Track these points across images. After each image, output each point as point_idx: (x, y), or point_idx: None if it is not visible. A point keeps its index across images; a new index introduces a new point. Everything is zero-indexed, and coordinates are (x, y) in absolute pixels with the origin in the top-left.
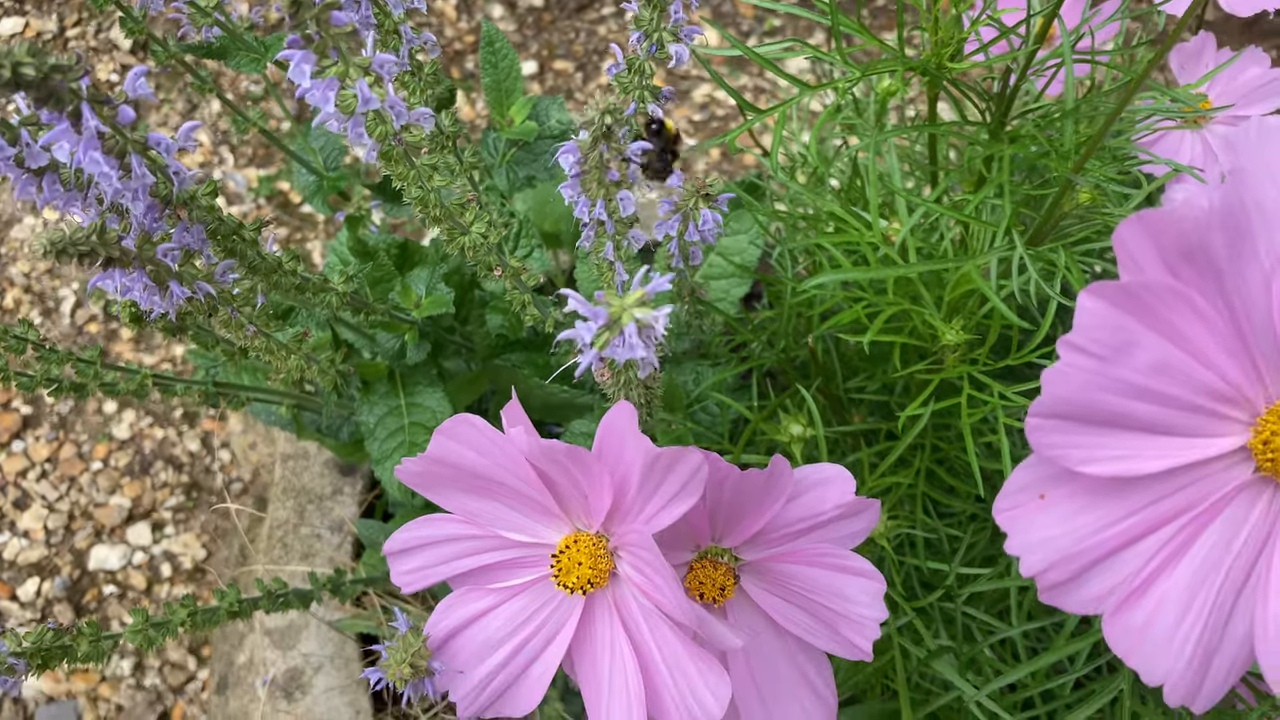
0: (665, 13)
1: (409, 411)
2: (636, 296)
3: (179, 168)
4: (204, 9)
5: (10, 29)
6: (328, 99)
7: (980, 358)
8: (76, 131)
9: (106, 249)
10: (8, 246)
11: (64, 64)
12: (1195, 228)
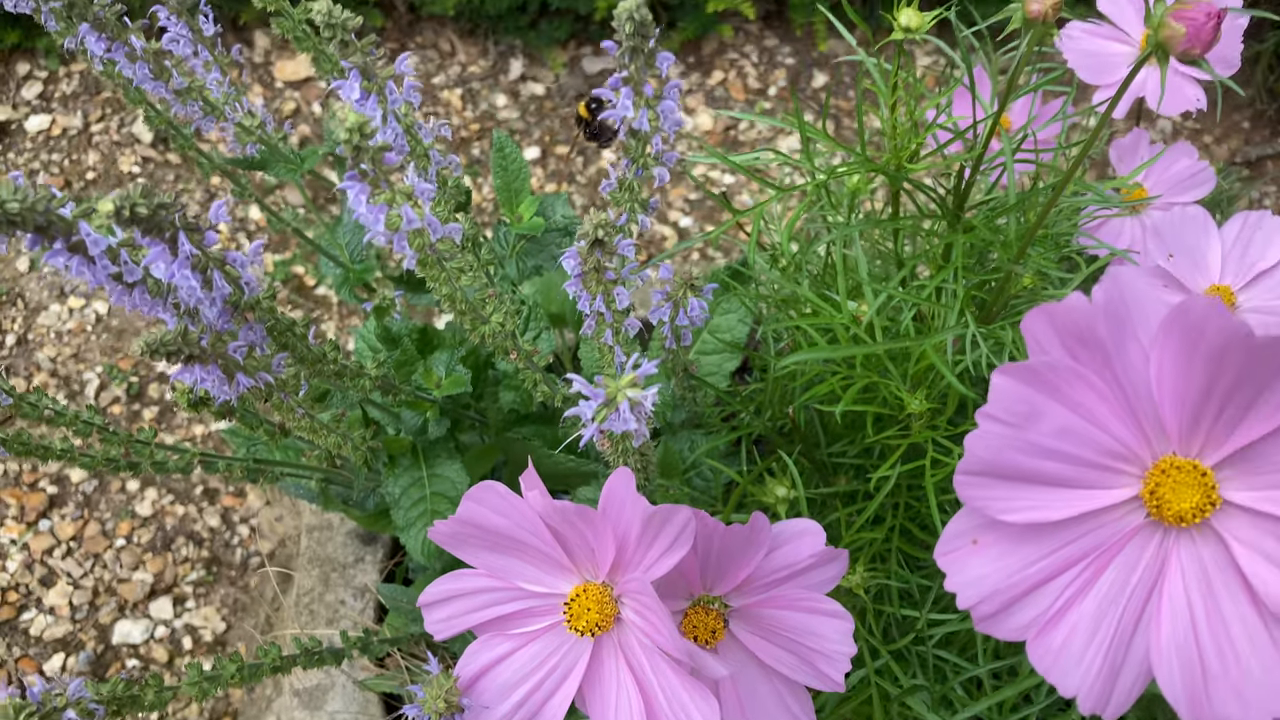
0: (648, 144)
1: (430, 482)
2: (629, 379)
3: (250, 279)
4: (249, 129)
5: (38, 126)
6: (378, 220)
7: (942, 424)
8: (172, 254)
9: (189, 349)
10: (35, 332)
11: (166, 202)
12: (1085, 317)
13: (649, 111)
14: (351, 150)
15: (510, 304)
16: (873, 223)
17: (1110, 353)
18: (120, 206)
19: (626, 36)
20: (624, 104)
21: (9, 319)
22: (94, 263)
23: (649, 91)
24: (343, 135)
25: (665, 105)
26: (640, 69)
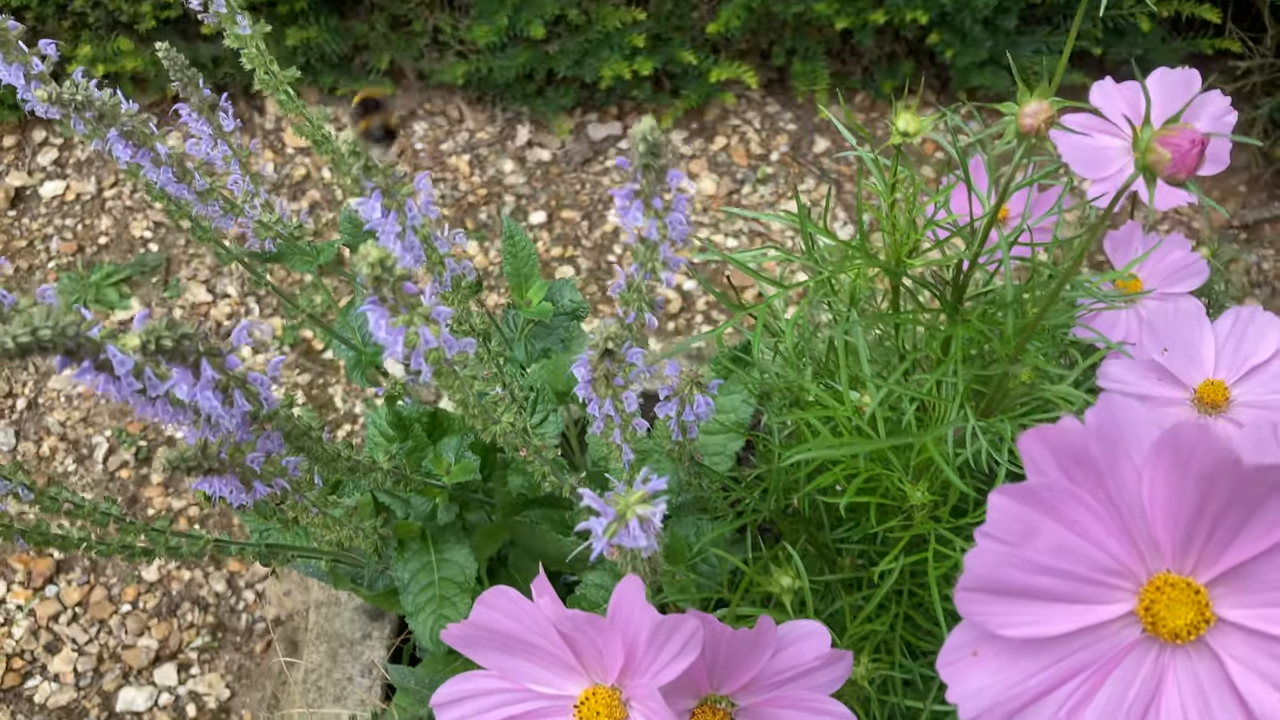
0: (656, 250)
1: (439, 567)
2: (639, 496)
3: (269, 395)
4: (267, 225)
5: (53, 191)
6: (397, 340)
7: (944, 515)
8: (195, 378)
9: (209, 463)
10: (45, 396)
11: (190, 332)
12: (1079, 439)
13: (658, 222)
14: (373, 281)
15: (519, 393)
16: (874, 318)
17: (1104, 473)
18: (146, 340)
19: (640, 155)
20: (634, 215)
21: (20, 383)
22: (119, 380)
23: (658, 205)
24: (365, 270)
25: (673, 216)
26: (651, 184)
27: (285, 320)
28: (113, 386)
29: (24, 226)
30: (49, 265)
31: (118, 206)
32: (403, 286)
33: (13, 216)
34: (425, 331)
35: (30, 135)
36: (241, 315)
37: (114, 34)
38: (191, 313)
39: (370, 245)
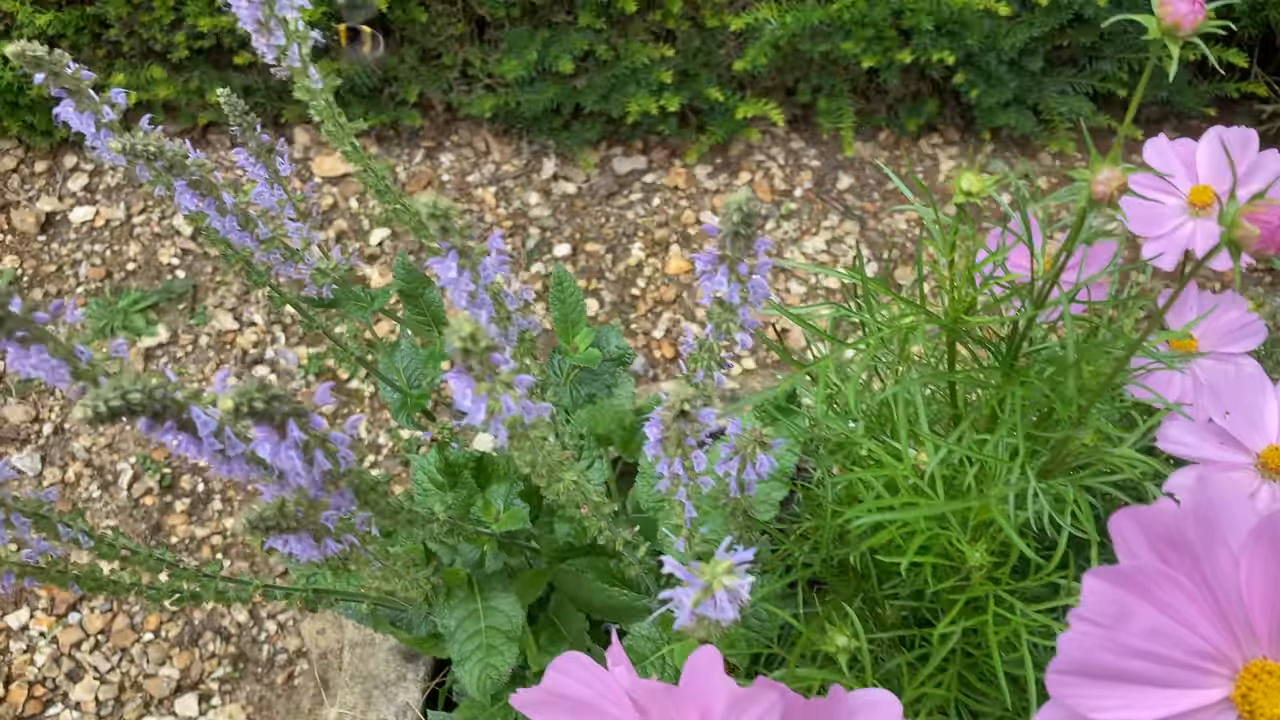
0: (734, 313)
1: (486, 615)
2: (725, 566)
3: (348, 455)
4: (325, 271)
5: (83, 217)
6: (480, 408)
7: (1003, 577)
8: (280, 438)
9: (287, 522)
10: (71, 422)
11: (279, 394)
12: (1175, 520)
13: (740, 286)
14: (462, 354)
15: (569, 441)
16: (932, 376)
17: (1200, 556)
18: (239, 403)
19: (733, 223)
20: (719, 280)
21: (46, 408)
22: (200, 441)
23: (743, 270)
24: (456, 343)
25: (756, 281)
26: (740, 250)
27: (310, 349)
28: (193, 446)
29: (53, 251)
30: (77, 290)
31: (146, 233)
32: (490, 358)
33: (42, 241)
34: (507, 399)
35: (61, 161)
36: (268, 343)
37: (147, 62)
38: (218, 340)
39: (463, 320)
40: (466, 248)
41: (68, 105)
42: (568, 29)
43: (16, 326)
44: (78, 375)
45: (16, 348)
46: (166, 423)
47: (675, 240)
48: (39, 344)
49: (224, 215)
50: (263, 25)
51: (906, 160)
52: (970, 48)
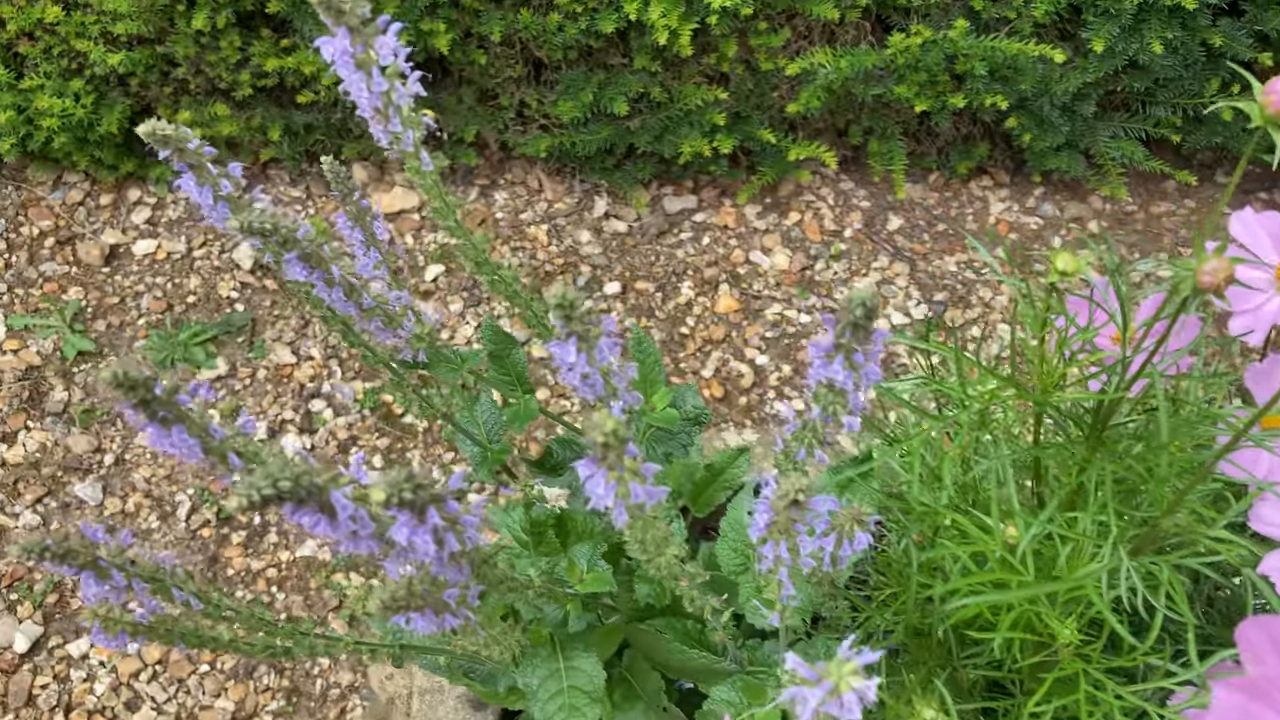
0: (844, 397)
1: (568, 675)
2: (851, 667)
3: (474, 535)
4: (420, 336)
5: (145, 250)
6: (609, 493)
7: (1094, 654)
8: (419, 523)
9: (415, 601)
10: (132, 453)
11: (425, 483)
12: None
13: (854, 373)
14: (602, 448)
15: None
16: (1023, 452)
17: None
18: (391, 494)
19: (854, 316)
20: (834, 369)
21: (108, 438)
22: (337, 522)
23: (859, 359)
24: (599, 438)
25: (869, 369)
26: (856, 341)
27: (366, 383)
28: (328, 526)
29: (116, 283)
30: (139, 322)
31: (206, 266)
32: (626, 449)
33: (106, 273)
34: (635, 486)
35: (125, 194)
36: (324, 377)
37: (212, 100)
38: (276, 373)
39: (605, 417)
40: (586, 333)
41: (189, 179)
42: (623, 71)
43: (160, 409)
44: (208, 451)
45: (158, 428)
46: (309, 507)
47: (724, 279)
48: (179, 424)
49: (331, 287)
50: (380, 112)
51: (956, 203)
52: (1023, 92)
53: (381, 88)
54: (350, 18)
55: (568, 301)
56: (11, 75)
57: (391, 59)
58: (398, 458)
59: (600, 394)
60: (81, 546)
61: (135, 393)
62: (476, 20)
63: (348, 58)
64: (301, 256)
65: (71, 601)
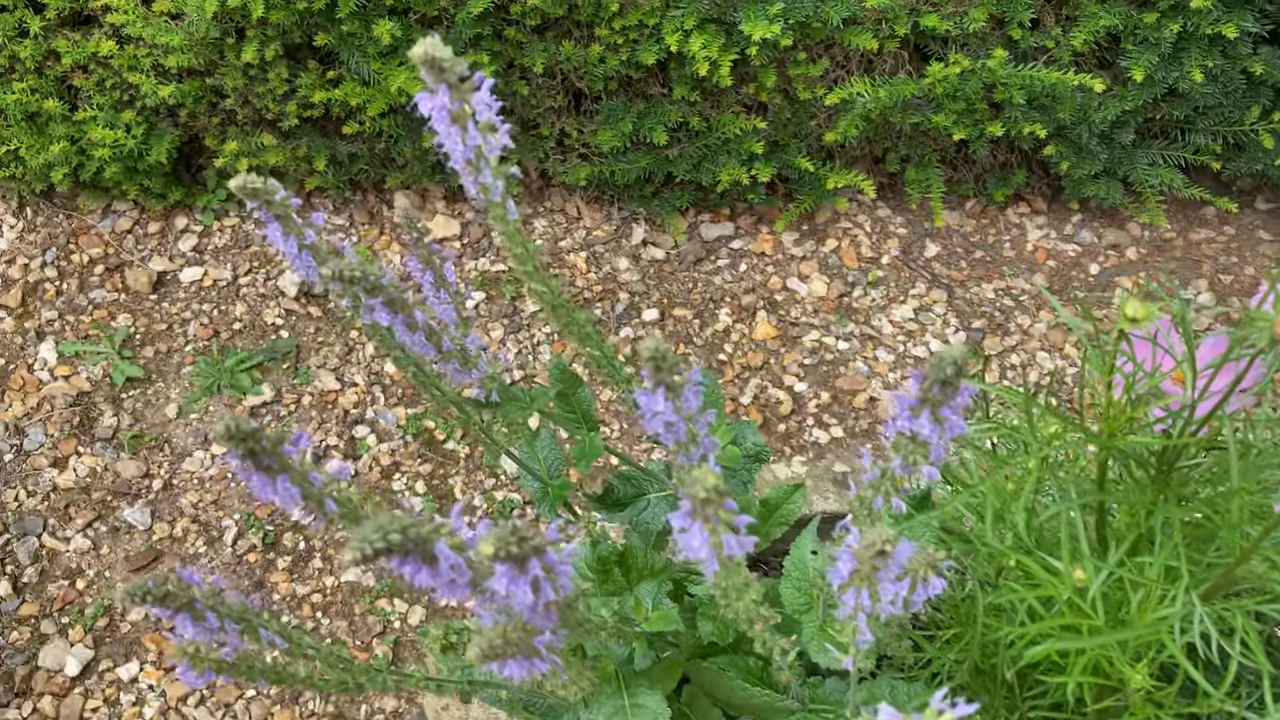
0: (925, 448)
1: (632, 712)
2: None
3: (567, 585)
4: (493, 377)
5: (192, 277)
6: (704, 544)
7: (1167, 700)
8: (520, 573)
9: (511, 649)
10: (180, 478)
11: (528, 536)
12: None
13: (939, 426)
14: (701, 503)
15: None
16: (1092, 496)
17: None
18: (498, 548)
19: (944, 374)
20: (921, 423)
21: (156, 464)
22: (438, 570)
23: (946, 414)
24: (700, 494)
25: (954, 422)
26: (943, 396)
27: (409, 409)
28: (428, 575)
29: (164, 311)
30: (186, 349)
31: (252, 293)
32: (724, 503)
33: (153, 300)
34: (729, 539)
35: (173, 222)
36: (368, 403)
37: (258, 130)
38: (320, 400)
39: (706, 473)
40: (674, 383)
41: (275, 229)
42: (662, 101)
43: (266, 459)
44: (307, 498)
45: (263, 477)
46: (413, 558)
47: (762, 306)
48: (284, 474)
49: (413, 331)
50: (471, 164)
51: (994, 230)
52: (1061, 121)
53: (475, 141)
54: (450, 75)
55: (660, 354)
56: (65, 107)
57: (487, 114)
58: (440, 484)
59: (682, 440)
60: (178, 589)
61: (245, 444)
62: (519, 52)
63: (445, 113)
64: (386, 302)
65: (121, 625)
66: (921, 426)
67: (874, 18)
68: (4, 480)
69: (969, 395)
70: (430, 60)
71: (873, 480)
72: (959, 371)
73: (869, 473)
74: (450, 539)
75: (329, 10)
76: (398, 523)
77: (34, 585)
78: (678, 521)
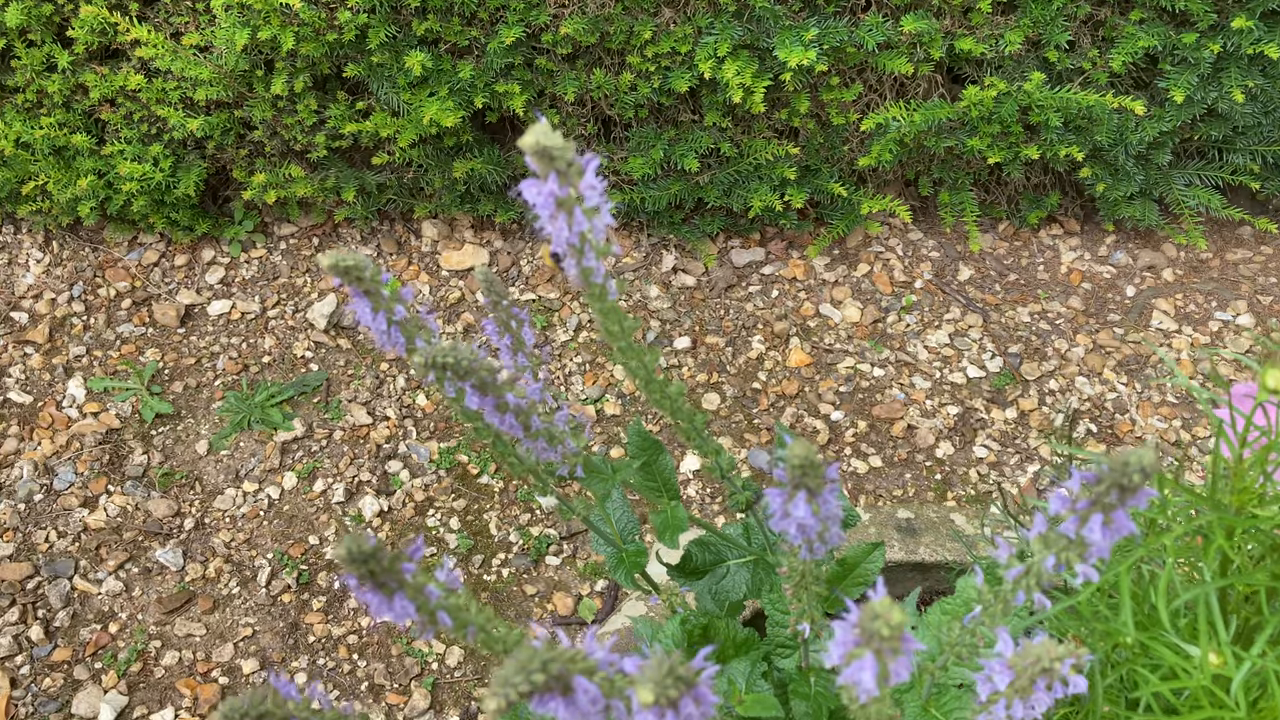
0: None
1: None
2: None
3: (712, 711)
4: (579, 451)
5: (220, 310)
6: (874, 675)
7: None
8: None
9: None
10: (211, 516)
11: (684, 675)
12: None
13: (1109, 529)
14: (881, 639)
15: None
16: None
17: None
18: (658, 696)
19: (1125, 478)
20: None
21: (188, 502)
22: (575, 701)
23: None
24: (884, 630)
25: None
26: (1120, 501)
27: (441, 444)
28: (566, 709)
29: (192, 344)
30: (215, 383)
31: (280, 326)
32: (903, 639)
33: (181, 334)
34: (897, 666)
35: (200, 254)
36: (400, 438)
37: (286, 161)
38: (352, 434)
39: (887, 606)
40: (817, 487)
41: (364, 305)
42: (693, 127)
43: (385, 579)
44: (420, 610)
45: (380, 597)
46: (553, 693)
47: (795, 333)
48: (400, 592)
49: (504, 414)
50: (575, 249)
51: (1027, 252)
52: (1098, 143)
53: (582, 227)
54: (560, 162)
55: (809, 460)
56: (93, 141)
57: (596, 198)
58: (474, 519)
59: (810, 538)
60: (275, 706)
61: (365, 565)
62: (550, 81)
63: (552, 200)
64: (478, 386)
65: (155, 670)
66: (1091, 531)
67: (909, 41)
68: (35, 521)
69: (1133, 506)
70: (541, 150)
71: (1017, 578)
72: (1145, 478)
73: (1011, 570)
74: (588, 668)
75: (359, 41)
76: (538, 659)
77: (66, 629)
78: (842, 649)
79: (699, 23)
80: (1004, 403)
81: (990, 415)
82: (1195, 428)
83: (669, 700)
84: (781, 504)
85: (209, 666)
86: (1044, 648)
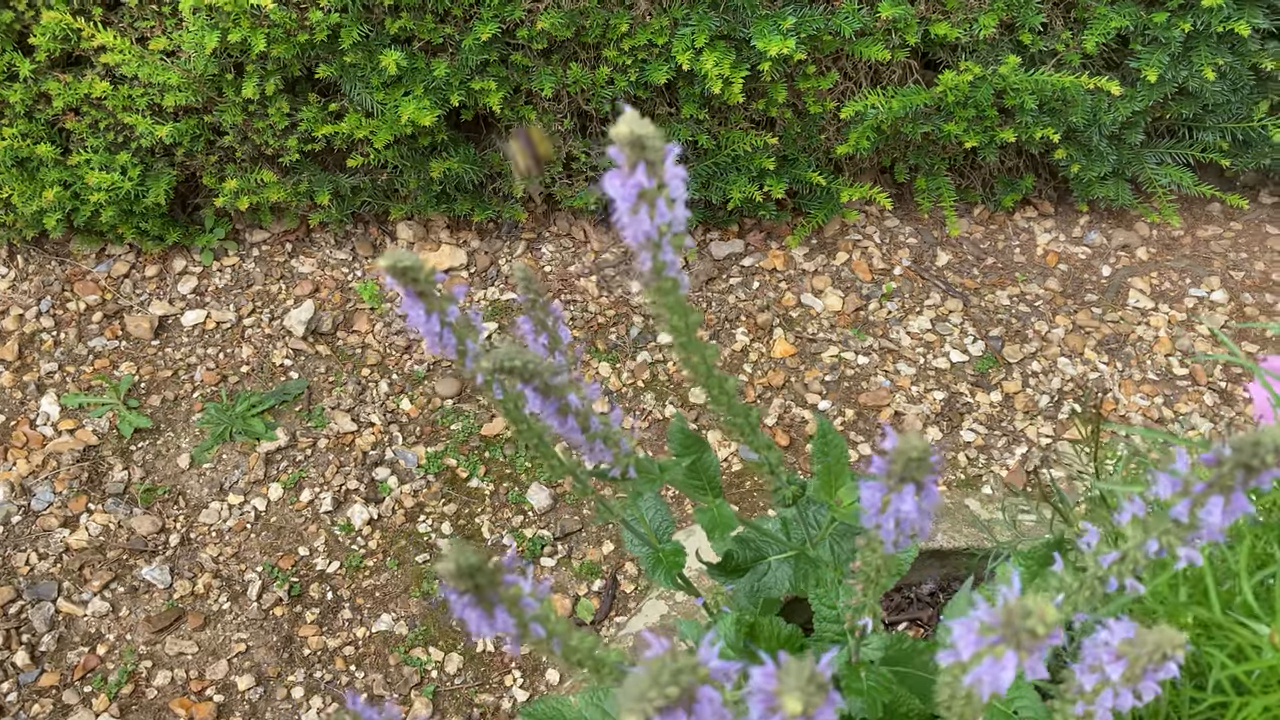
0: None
1: None
2: None
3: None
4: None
5: (194, 320)
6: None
7: None
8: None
9: None
10: (197, 531)
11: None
12: None
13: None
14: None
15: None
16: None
17: None
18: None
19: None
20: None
21: (171, 518)
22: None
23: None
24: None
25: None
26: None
27: (428, 448)
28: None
29: (167, 356)
30: (193, 395)
31: (257, 334)
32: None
33: (156, 346)
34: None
35: (170, 264)
36: (386, 444)
37: (258, 166)
38: (337, 442)
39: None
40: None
41: (417, 308)
42: (670, 120)
43: (489, 593)
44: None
45: (481, 613)
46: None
47: (778, 323)
48: (502, 605)
49: (565, 417)
50: (652, 242)
51: (1003, 235)
52: (1073, 124)
53: (664, 218)
54: (651, 152)
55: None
56: (58, 151)
57: (682, 190)
58: (466, 523)
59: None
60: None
61: (472, 581)
62: (526, 77)
63: (636, 192)
64: (540, 389)
65: (147, 691)
66: (1210, 514)
67: (885, 28)
68: (14, 543)
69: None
70: (635, 139)
71: (1112, 563)
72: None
73: (1106, 556)
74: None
75: (331, 42)
76: (666, 671)
77: (53, 653)
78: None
79: (675, 14)
80: (988, 386)
81: (975, 399)
82: (1176, 404)
83: (813, 708)
84: (881, 498)
85: (203, 685)
86: (1162, 634)
